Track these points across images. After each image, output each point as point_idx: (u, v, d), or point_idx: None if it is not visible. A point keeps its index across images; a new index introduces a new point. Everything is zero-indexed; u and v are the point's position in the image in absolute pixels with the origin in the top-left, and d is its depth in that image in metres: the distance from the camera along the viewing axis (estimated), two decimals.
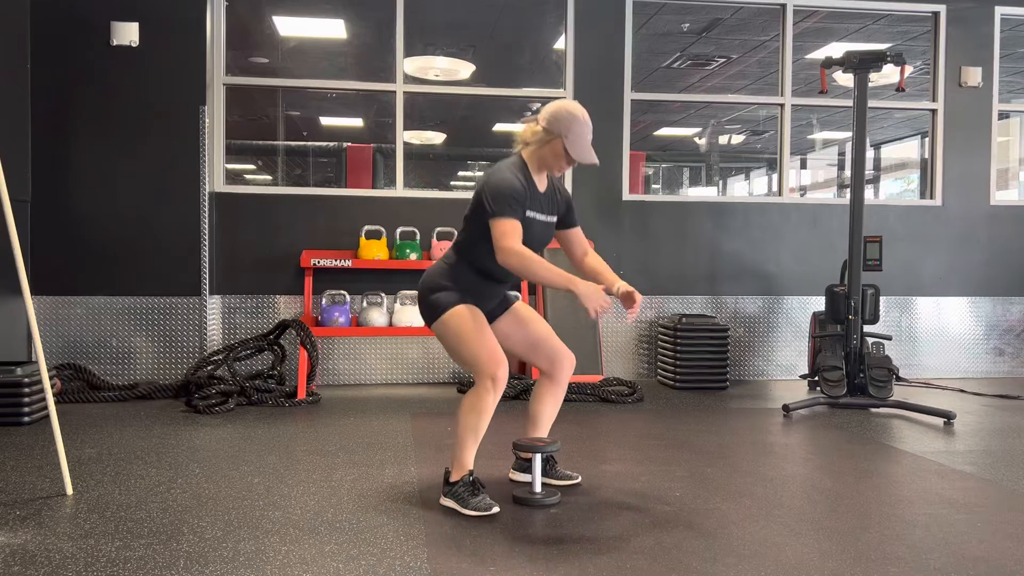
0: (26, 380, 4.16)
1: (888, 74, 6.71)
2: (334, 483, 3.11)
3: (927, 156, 6.41)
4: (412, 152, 8.78)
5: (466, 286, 2.87)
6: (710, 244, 6.03)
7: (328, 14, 6.35)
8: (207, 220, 5.39)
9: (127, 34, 5.31)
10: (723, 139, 11.75)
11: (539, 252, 2.89)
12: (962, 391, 5.56)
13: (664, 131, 11.23)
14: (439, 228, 5.65)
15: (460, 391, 5.35)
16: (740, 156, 12.80)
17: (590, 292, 2.66)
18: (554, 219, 2.97)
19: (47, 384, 2.99)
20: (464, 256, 2.89)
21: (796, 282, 6.12)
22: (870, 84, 4.93)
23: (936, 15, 6.26)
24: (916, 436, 4.09)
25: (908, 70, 5.04)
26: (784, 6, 6.11)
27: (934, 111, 6.27)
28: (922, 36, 6.58)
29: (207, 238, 5.39)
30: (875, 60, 4.72)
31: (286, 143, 8.97)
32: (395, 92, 5.71)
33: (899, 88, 4.91)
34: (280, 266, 5.57)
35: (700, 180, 12.69)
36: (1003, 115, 6.61)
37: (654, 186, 11.62)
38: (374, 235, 5.64)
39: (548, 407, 3.07)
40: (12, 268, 3.30)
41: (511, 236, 2.69)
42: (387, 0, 5.70)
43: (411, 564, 2.29)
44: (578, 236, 3.05)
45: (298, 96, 8.08)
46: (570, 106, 2.84)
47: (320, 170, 8.81)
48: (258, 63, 6.45)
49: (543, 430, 3.08)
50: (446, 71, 7.17)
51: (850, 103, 5.43)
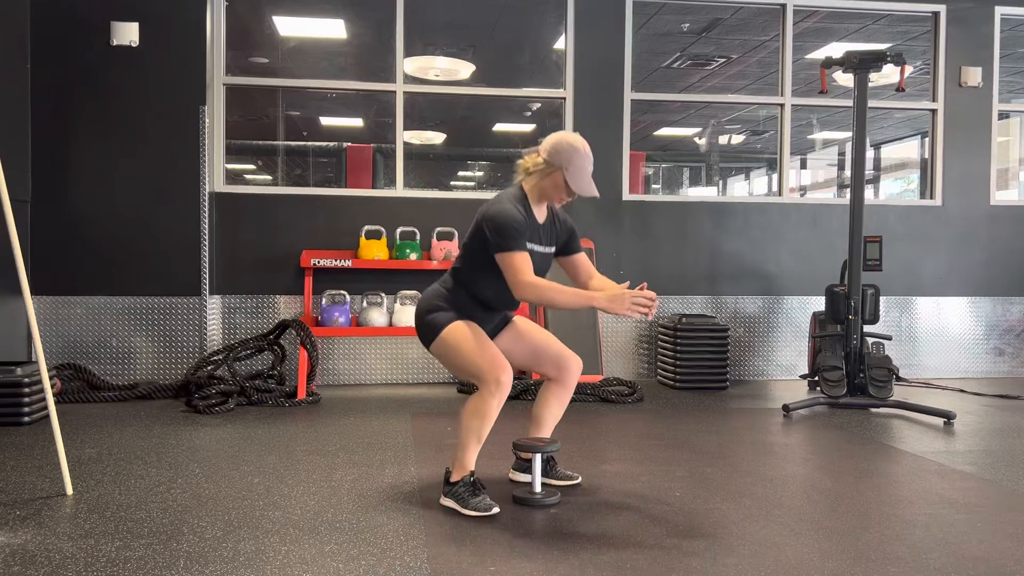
0: (26, 380, 4.16)
1: (888, 74, 6.70)
2: (334, 483, 3.11)
3: (927, 156, 6.42)
4: (412, 152, 8.78)
5: (464, 310, 2.87)
6: (710, 244, 6.03)
7: (328, 14, 6.36)
8: (207, 220, 5.39)
9: (127, 34, 5.31)
10: (723, 139, 11.75)
11: None
12: (962, 391, 5.56)
13: (664, 131, 11.23)
14: (439, 228, 5.65)
15: (460, 391, 5.35)
16: (740, 156, 12.80)
17: (612, 299, 2.63)
18: (552, 249, 2.96)
19: (47, 384, 2.99)
20: (462, 284, 2.89)
21: (796, 282, 6.12)
22: (870, 84, 4.93)
23: (936, 15, 6.26)
24: (916, 436, 4.09)
25: (908, 70, 5.04)
26: (784, 6, 6.11)
27: (934, 111, 6.27)
28: (922, 36, 6.58)
29: (207, 238, 5.39)
30: (875, 60, 4.72)
31: (286, 143, 8.97)
32: (395, 92, 5.71)
33: (899, 88, 4.91)
34: (280, 266, 5.57)
35: (700, 180, 12.69)
36: (1003, 115, 6.61)
37: (654, 186, 11.62)
38: (374, 235, 5.64)
39: (553, 410, 3.06)
40: (12, 268, 3.30)
41: (524, 271, 2.70)
42: (387, 0, 5.70)
43: (411, 564, 2.29)
44: (583, 261, 3.02)
45: (298, 96, 8.09)
46: (571, 138, 2.82)
47: (320, 170, 8.81)
48: (258, 63, 6.45)
49: (546, 432, 3.08)
50: (446, 71, 7.17)
51: (850, 103, 5.42)
